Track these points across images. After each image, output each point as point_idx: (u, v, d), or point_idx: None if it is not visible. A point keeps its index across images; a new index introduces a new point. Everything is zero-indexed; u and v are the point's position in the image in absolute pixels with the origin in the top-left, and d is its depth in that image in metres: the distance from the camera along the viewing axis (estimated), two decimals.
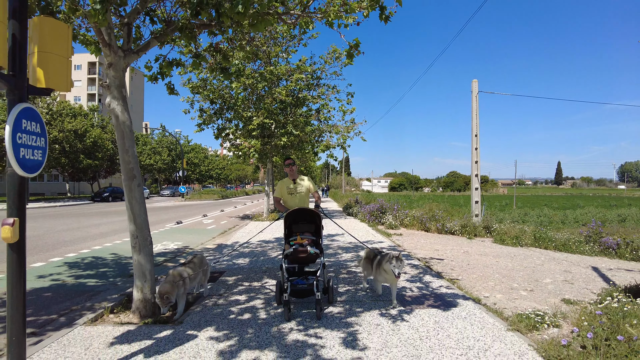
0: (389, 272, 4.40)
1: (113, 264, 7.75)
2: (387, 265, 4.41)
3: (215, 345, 3.53)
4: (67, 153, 35.61)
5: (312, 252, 4.40)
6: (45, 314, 4.73)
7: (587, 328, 3.22)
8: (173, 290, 4.09)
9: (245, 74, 13.28)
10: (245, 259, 7.76)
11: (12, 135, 2.38)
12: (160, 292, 4.02)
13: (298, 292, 4.36)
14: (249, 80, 13.55)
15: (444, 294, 5.06)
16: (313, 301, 4.63)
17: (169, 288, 4.06)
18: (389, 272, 4.40)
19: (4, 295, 3.69)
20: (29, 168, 2.57)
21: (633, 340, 2.87)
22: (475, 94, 14.21)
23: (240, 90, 14.53)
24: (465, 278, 6.23)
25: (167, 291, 4.02)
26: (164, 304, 4.02)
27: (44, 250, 9.10)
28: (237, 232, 12.65)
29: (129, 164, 4.41)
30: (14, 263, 2.53)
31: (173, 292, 4.08)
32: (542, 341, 3.42)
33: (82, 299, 5.36)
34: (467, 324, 3.95)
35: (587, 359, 2.87)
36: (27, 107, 2.54)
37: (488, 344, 3.46)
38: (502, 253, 8.83)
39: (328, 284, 4.74)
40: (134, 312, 4.40)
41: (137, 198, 4.44)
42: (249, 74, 13.51)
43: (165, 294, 4.00)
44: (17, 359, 2.55)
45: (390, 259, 4.40)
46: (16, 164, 2.45)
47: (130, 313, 4.47)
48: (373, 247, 5.07)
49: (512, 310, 4.54)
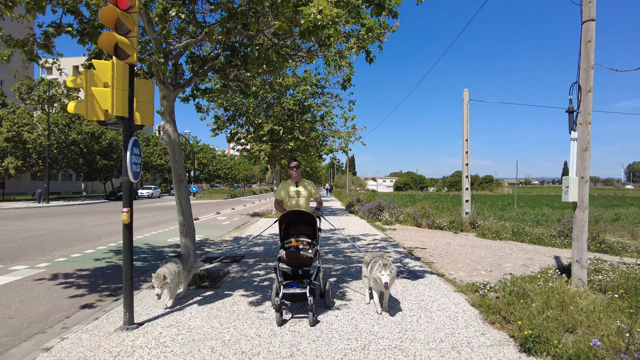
0: (378, 280, 4.29)
1: (149, 251, 9.30)
2: (376, 272, 4.29)
3: (246, 299, 5.03)
4: (85, 154, 37.45)
5: (306, 256, 4.33)
6: (114, 284, 6.27)
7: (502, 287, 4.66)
8: (169, 275, 4.51)
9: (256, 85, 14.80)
10: (260, 247, 9.28)
11: (130, 157, 3.89)
12: (157, 273, 4.44)
13: (290, 296, 4.23)
14: (260, 91, 15.05)
15: (416, 271, 6.53)
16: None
17: (167, 271, 4.53)
18: (378, 280, 4.29)
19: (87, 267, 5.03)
20: (134, 176, 4.07)
21: (526, 291, 4.31)
22: (466, 102, 15.56)
23: (251, 99, 16.05)
24: (439, 262, 7.66)
25: (164, 273, 4.46)
26: (159, 284, 4.39)
27: (88, 241, 10.68)
28: (249, 227, 14.18)
29: (178, 170, 5.91)
30: (127, 235, 4.04)
31: (169, 276, 4.50)
32: (473, 296, 4.87)
33: (136, 275, 6.87)
34: (426, 288, 5.41)
35: (495, 301, 4.30)
36: (135, 139, 4.05)
37: (437, 298, 4.92)
38: (480, 245, 10.22)
39: (324, 288, 4.66)
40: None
41: (185, 196, 5.94)
42: (259, 85, 15.02)
43: (162, 274, 4.44)
44: (128, 295, 4.06)
45: (379, 266, 4.26)
46: (130, 174, 3.95)
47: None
48: (373, 254, 4.87)
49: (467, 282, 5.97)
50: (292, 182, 5.22)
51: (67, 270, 7.19)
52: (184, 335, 3.89)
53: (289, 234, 4.63)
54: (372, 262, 4.57)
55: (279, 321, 4.14)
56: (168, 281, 4.43)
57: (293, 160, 5.22)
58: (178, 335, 3.89)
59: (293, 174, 5.19)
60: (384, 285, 4.16)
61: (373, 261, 4.55)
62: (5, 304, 5.20)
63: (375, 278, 4.31)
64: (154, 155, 57.52)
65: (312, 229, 4.65)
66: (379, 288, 4.46)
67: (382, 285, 4.21)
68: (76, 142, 36.05)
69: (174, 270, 4.60)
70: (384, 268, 4.19)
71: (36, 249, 9.38)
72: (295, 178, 5.21)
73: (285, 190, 5.19)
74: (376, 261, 4.42)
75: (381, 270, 4.20)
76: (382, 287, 4.26)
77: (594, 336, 3.12)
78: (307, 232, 4.63)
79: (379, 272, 4.22)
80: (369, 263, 4.74)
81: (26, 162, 33.24)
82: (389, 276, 4.15)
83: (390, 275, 4.17)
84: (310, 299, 4.10)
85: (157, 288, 4.36)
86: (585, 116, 5.60)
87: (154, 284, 4.38)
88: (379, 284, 4.28)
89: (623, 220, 23.48)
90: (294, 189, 5.15)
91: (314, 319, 4.14)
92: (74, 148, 36.17)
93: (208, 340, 3.73)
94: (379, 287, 4.44)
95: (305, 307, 4.56)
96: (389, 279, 4.14)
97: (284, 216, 4.55)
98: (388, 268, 4.19)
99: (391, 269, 4.22)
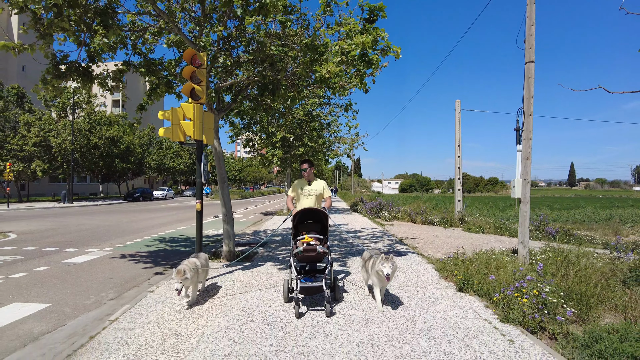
0: (380, 273, 4.38)
1: (186, 240, 11.28)
2: (379, 265, 4.39)
3: (274, 266, 6.97)
4: (105, 157, 39.79)
5: (320, 251, 4.53)
6: (170, 261, 8.25)
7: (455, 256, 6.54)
8: (189, 271, 4.58)
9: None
10: (278, 237, 11.24)
11: (204, 167, 5.85)
12: (178, 269, 4.50)
13: (307, 289, 4.45)
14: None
15: (401, 251, 8.44)
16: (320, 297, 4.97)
17: (187, 268, 4.60)
18: (380, 273, 4.38)
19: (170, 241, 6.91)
20: (205, 179, 6.03)
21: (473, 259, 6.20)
22: (458, 111, 17.39)
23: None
24: (422, 247, 9.54)
25: (184, 269, 4.54)
26: (180, 279, 4.45)
27: (131, 234, 12.71)
28: (265, 223, 16.17)
29: (221, 174, 7.87)
30: (199, 218, 6.01)
31: (188, 272, 4.57)
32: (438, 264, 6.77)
33: (183, 256, 8.85)
34: (405, 261, 7.31)
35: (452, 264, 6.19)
36: (205, 154, 6.01)
37: (411, 266, 6.82)
38: (463, 236, 12.05)
39: (334, 282, 4.90)
40: (223, 258, 7.84)
41: (226, 194, 7.90)
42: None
43: (182, 270, 4.51)
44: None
45: (381, 259, 4.39)
46: (202, 178, 5.92)
47: (221, 259, 7.91)
48: (372, 250, 5.20)
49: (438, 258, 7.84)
50: (305, 180, 5.53)
51: (129, 252, 9.20)
52: (238, 283, 5.83)
53: (299, 231, 4.90)
54: (373, 258, 4.70)
55: (297, 313, 4.35)
56: (188, 277, 4.51)
57: (304, 162, 5.49)
58: (234, 284, 5.84)
59: (305, 174, 5.48)
60: (385, 276, 4.27)
61: (374, 257, 4.67)
62: (101, 271, 7.19)
63: (378, 271, 4.40)
64: (167, 159, 59.88)
65: (320, 226, 4.91)
66: (380, 282, 4.57)
67: (383, 278, 4.33)
68: (97, 146, 38.40)
69: (193, 268, 4.70)
70: (386, 261, 4.33)
71: (93, 238, 11.42)
72: (307, 177, 5.49)
73: (298, 188, 5.49)
74: (377, 256, 4.55)
75: (383, 262, 4.33)
76: (384, 280, 4.38)
77: (499, 280, 4.99)
78: (316, 229, 4.90)
79: (381, 265, 4.34)
80: (369, 259, 4.95)
81: (52, 165, 35.58)
82: (390, 268, 4.28)
83: (392, 268, 4.30)
84: (327, 291, 4.40)
85: (177, 283, 4.44)
86: (527, 133, 7.47)
87: (175, 279, 4.46)
88: (381, 277, 4.40)
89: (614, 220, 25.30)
90: (307, 188, 5.47)
91: (330, 310, 4.41)
92: (94, 152, 38.51)
93: (256, 286, 5.67)
94: (380, 281, 4.54)
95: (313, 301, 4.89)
96: (391, 271, 4.28)
97: (297, 214, 4.84)
98: (390, 261, 4.34)
99: (393, 261, 4.37)
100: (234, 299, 5.12)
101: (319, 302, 4.86)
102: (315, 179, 5.58)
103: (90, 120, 38.62)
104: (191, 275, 4.58)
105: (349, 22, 6.63)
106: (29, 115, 35.23)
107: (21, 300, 5.36)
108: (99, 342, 3.79)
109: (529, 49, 7.48)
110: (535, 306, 4.12)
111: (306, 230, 4.84)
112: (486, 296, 4.88)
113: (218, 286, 5.73)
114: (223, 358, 3.38)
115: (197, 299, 5.08)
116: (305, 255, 4.56)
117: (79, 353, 3.56)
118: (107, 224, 15.52)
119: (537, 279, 4.66)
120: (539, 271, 5.15)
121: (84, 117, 38.35)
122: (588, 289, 4.79)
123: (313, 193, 5.44)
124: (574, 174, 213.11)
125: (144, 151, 50.63)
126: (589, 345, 3.53)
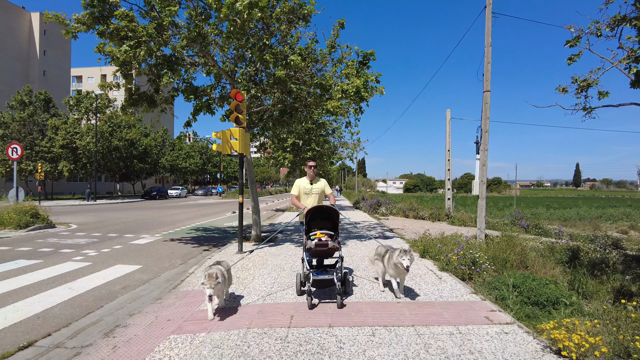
0: (399, 265, 4.57)
1: (217, 230, 13.76)
2: (398, 258, 4.58)
3: (292, 245, 9.41)
4: (124, 158, 42.58)
5: (330, 246, 4.70)
6: (212, 243, 10.71)
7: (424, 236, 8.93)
8: (221, 275, 4.34)
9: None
10: (291, 227, 13.70)
11: (250, 171, 8.29)
12: (209, 273, 4.24)
13: (319, 282, 4.65)
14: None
15: (389, 236, 10.84)
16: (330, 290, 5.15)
17: (218, 272, 4.34)
18: (399, 265, 4.57)
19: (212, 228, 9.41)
20: (241, 180, 8.48)
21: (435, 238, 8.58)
22: (448, 120, 19.71)
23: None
24: (407, 234, 11.90)
25: (215, 273, 4.28)
26: (213, 284, 4.18)
27: (169, 225, 15.22)
28: (278, 217, 18.64)
29: (252, 177, 10.28)
30: (241, 209, 8.48)
31: (220, 276, 4.32)
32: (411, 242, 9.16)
33: (220, 240, 11.30)
34: (390, 242, 9.71)
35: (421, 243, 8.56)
36: (243, 162, 8.46)
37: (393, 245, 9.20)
38: (447, 228, 14.35)
39: (344, 277, 5.02)
40: (252, 240, 10.27)
41: (254, 191, 10.36)
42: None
43: (215, 274, 4.27)
44: (240, 239, 8.49)
45: (400, 252, 4.58)
46: (242, 179, 8.37)
47: (251, 241, 10.33)
48: (386, 245, 5.46)
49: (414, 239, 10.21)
50: (307, 179, 5.76)
51: (176, 237, 11.69)
52: (269, 254, 8.27)
53: (311, 228, 5.05)
54: (390, 251, 4.94)
55: (310, 305, 4.52)
56: (220, 281, 4.28)
57: (312, 160, 5.82)
58: (266, 254, 8.28)
59: (310, 172, 5.74)
60: (405, 268, 4.50)
61: (391, 251, 4.92)
62: (162, 249, 9.67)
63: (396, 263, 4.63)
64: (179, 159, 62.71)
65: (331, 223, 5.11)
66: (398, 274, 4.86)
67: (402, 270, 4.57)
68: (117, 148, 41.17)
69: (223, 272, 4.50)
70: (405, 254, 4.55)
71: (140, 228, 13.94)
72: (310, 176, 5.76)
73: (301, 187, 5.73)
74: (394, 250, 4.79)
75: (402, 255, 4.55)
76: (403, 272, 4.66)
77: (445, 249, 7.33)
78: (327, 226, 5.06)
79: (400, 258, 4.56)
80: (385, 254, 5.18)
81: (77, 166, 38.39)
82: (409, 260, 4.53)
83: (410, 260, 4.54)
84: (338, 284, 4.60)
85: (208, 289, 4.15)
86: (484, 146, 9.81)
87: (206, 284, 4.17)
88: (400, 269, 4.63)
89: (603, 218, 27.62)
90: (308, 186, 5.71)
91: (341, 302, 4.58)
92: (115, 153, 41.29)
93: (281, 255, 8.11)
94: (398, 272, 4.81)
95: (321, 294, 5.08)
96: (410, 263, 4.53)
97: (309, 211, 5.04)
98: (408, 254, 4.56)
99: (411, 254, 4.60)
100: (268, 260, 7.59)
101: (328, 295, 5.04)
102: (317, 178, 5.88)
103: (112, 124, 41.39)
104: (222, 280, 4.35)
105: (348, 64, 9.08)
106: (55, 119, 38.03)
107: (121, 264, 7.84)
108: (187, 282, 6.21)
109: (486, 81, 9.82)
110: (465, 263, 6.48)
111: (318, 227, 5.03)
112: (436, 259, 7.27)
113: (255, 255, 8.18)
114: (270, 285, 5.81)
115: (244, 260, 7.52)
116: (317, 250, 4.76)
117: (183, 284, 6.02)
118: (143, 218, 18.08)
119: (477, 251, 7.00)
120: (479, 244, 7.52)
121: (104, 121, 41.14)
122: (506, 256, 7.13)
123: (315, 191, 5.74)
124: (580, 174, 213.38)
125: (159, 152, 53.38)
126: (488, 282, 5.90)
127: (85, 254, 8.76)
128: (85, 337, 4.08)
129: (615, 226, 23.04)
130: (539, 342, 3.59)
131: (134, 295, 5.69)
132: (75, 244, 10.06)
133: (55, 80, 54.95)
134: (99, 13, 8.09)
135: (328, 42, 9.38)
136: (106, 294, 5.76)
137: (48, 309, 5.03)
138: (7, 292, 5.67)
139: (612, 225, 23.72)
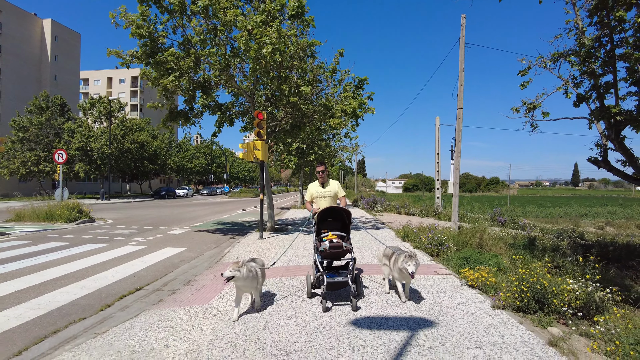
0: (404, 271, 4.51)
1: (235, 224, 16.00)
2: (403, 264, 4.51)
3: (302, 234, 11.63)
4: (135, 159, 44.86)
5: (344, 247, 4.67)
6: (235, 233, 12.94)
7: (407, 226, 11.17)
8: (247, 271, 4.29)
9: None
10: (298, 221, 15.94)
11: (266, 174, 10.53)
12: (237, 261, 4.34)
13: (333, 284, 4.60)
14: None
15: (380, 227, 13.08)
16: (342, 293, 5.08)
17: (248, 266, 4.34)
18: (404, 271, 4.51)
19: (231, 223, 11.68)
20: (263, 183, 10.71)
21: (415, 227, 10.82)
22: (437, 126, 21.91)
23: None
24: (396, 226, 14.11)
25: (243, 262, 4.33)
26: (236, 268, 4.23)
27: (191, 220, 17.45)
28: (285, 214, 20.89)
29: (267, 178, 12.50)
30: (261, 204, 10.73)
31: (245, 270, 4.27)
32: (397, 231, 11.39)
33: (240, 231, 13.52)
34: (380, 232, 11.95)
35: (403, 231, 10.79)
36: (263, 166, 10.70)
37: (382, 233, 11.47)
38: (431, 222, 16.57)
39: (356, 278, 4.91)
40: (268, 230, 12.50)
41: (269, 191, 12.59)
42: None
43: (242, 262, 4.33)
44: (260, 227, 10.74)
45: (405, 257, 4.52)
46: (263, 181, 10.61)
47: (267, 231, 12.54)
48: (392, 246, 5.37)
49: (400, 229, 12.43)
50: (319, 183, 5.78)
51: (202, 229, 13.92)
52: (284, 239, 10.49)
53: (321, 229, 5.00)
54: (396, 254, 4.83)
55: (324, 308, 4.48)
56: (241, 273, 4.24)
57: (320, 165, 5.72)
58: (282, 239, 10.52)
59: (320, 176, 5.74)
60: (410, 274, 4.41)
61: (397, 254, 4.81)
62: (195, 237, 11.89)
63: (401, 269, 4.54)
64: (185, 160, 65.00)
65: (341, 223, 5.07)
66: (403, 278, 4.76)
67: (408, 275, 4.47)
68: (129, 150, 43.45)
69: (252, 268, 4.45)
70: (410, 259, 4.45)
71: (168, 222, 16.17)
72: (322, 179, 5.74)
73: (314, 191, 5.79)
74: (400, 253, 4.69)
75: (408, 261, 4.46)
76: (408, 277, 4.56)
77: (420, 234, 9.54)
78: (337, 226, 5.03)
79: (405, 264, 4.46)
80: (391, 256, 5.02)
81: (91, 167, 40.64)
82: (415, 266, 4.40)
83: (416, 266, 4.42)
84: (352, 286, 4.54)
85: (229, 270, 4.22)
86: (457, 153, 12.03)
87: (230, 267, 4.26)
88: (405, 274, 4.55)
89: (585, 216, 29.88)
90: (320, 190, 5.74)
91: (356, 305, 4.52)
92: (127, 154, 43.56)
93: (292, 239, 10.33)
94: (403, 277, 4.72)
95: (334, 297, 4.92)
96: (415, 269, 4.41)
97: (319, 213, 5.01)
98: (414, 259, 4.46)
99: (416, 259, 4.50)
100: (284, 242, 9.87)
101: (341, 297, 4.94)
102: (329, 180, 5.82)
103: (124, 127, 43.67)
104: (245, 274, 4.28)
105: (345, 87, 11.34)
106: (71, 123, 40.27)
107: (169, 247, 10.06)
108: (227, 257, 8.42)
109: (459, 100, 12.04)
110: (433, 243, 8.68)
111: (327, 228, 4.98)
112: (412, 241, 9.50)
113: (273, 239, 10.41)
114: (290, 257, 8.03)
115: (266, 242, 9.74)
116: (331, 252, 4.71)
117: (223, 259, 8.25)
118: (166, 214, 20.32)
119: (444, 236, 9.20)
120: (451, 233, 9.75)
121: (117, 124, 43.42)
122: (468, 239, 9.33)
123: (328, 194, 5.70)
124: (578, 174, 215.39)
125: (166, 153, 55.64)
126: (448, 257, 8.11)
127: (137, 240, 11.00)
128: (172, 286, 6.29)
129: (594, 222, 25.19)
130: (461, 280, 5.83)
131: (192, 265, 7.93)
132: (123, 234, 12.29)
133: (65, 84, 57.13)
134: (150, 50, 10.31)
135: (330, 67, 11.65)
136: (170, 265, 7.99)
137: (137, 271, 7.27)
138: (99, 263, 7.91)
139: (592, 221, 25.85)
